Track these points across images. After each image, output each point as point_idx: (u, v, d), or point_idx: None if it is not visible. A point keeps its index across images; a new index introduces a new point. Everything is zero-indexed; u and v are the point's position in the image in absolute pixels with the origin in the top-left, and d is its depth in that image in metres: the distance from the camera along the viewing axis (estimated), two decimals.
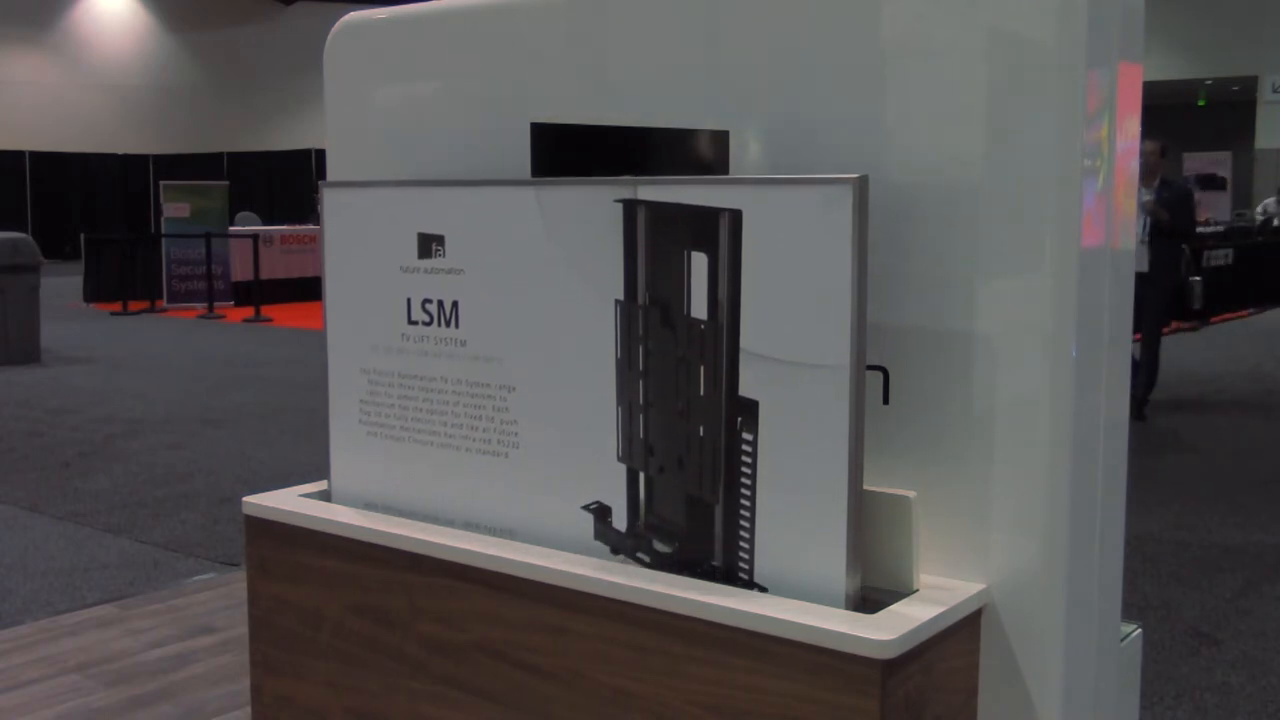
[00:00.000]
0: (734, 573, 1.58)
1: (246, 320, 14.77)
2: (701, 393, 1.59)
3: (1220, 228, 16.38)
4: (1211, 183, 22.67)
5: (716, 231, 1.55)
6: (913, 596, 1.55)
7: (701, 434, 1.59)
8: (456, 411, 1.84)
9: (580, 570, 1.65)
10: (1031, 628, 1.58)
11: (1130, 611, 3.11)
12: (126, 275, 16.18)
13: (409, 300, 1.88)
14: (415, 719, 1.85)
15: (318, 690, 1.97)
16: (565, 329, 1.71)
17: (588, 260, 1.67)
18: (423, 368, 1.88)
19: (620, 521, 1.69)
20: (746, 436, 1.55)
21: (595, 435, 1.69)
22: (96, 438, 7.51)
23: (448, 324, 1.84)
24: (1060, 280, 1.53)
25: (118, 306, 15.74)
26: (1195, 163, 23.28)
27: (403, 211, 1.87)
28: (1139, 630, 1.82)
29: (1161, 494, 5.97)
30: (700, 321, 1.58)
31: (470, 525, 1.84)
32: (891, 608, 1.51)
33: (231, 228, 17.07)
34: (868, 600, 1.53)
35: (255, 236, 15.82)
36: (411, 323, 1.88)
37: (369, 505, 1.96)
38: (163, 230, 16.75)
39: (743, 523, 1.57)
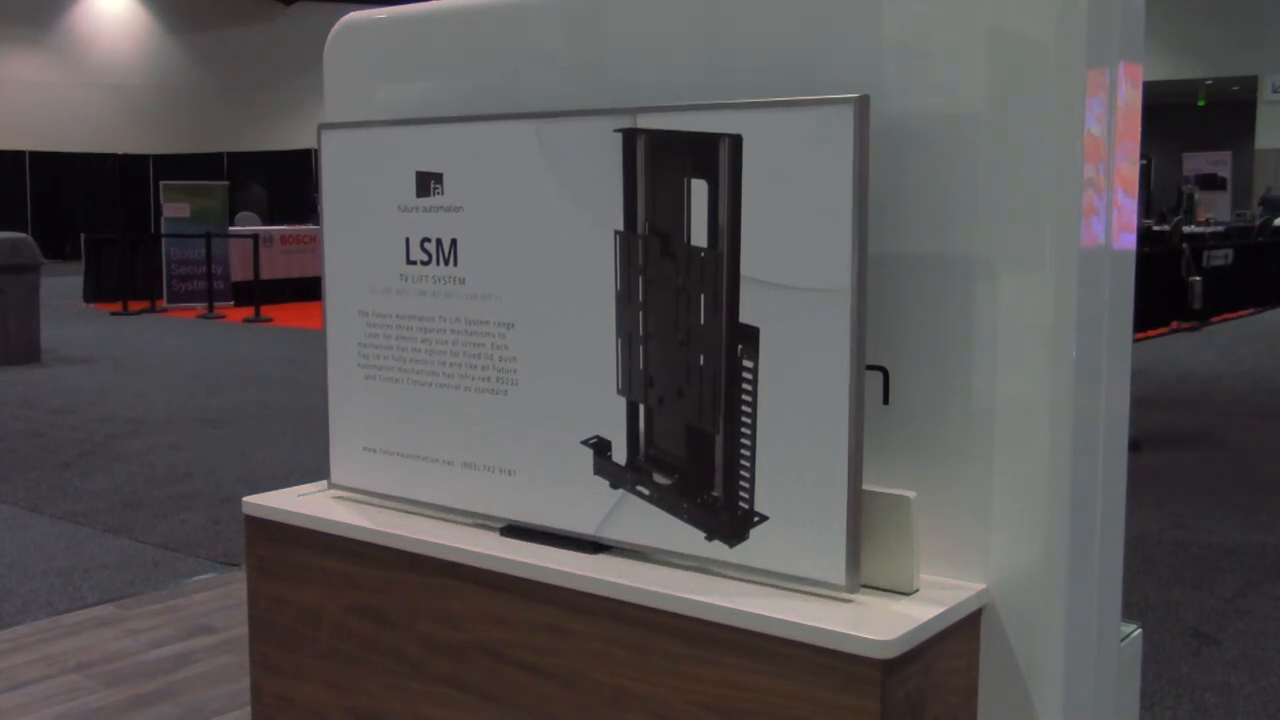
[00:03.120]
0: (734, 503, 1.58)
1: (246, 320, 14.77)
2: (702, 321, 1.58)
3: (1220, 228, 16.35)
4: (1211, 183, 22.66)
5: (716, 157, 1.54)
6: (913, 596, 1.55)
7: (702, 363, 1.58)
8: (455, 351, 1.84)
9: (580, 570, 1.65)
10: (1031, 628, 1.58)
11: (1130, 611, 3.11)
12: (126, 275, 16.17)
13: (407, 240, 1.87)
14: (415, 719, 1.85)
15: (318, 690, 1.97)
16: (565, 263, 1.70)
17: (587, 192, 1.67)
18: (421, 308, 1.87)
19: (620, 455, 1.68)
20: (747, 364, 1.54)
21: (595, 369, 1.69)
22: (96, 438, 7.51)
23: (446, 262, 1.83)
24: (1060, 280, 1.53)
25: (118, 306, 15.74)
26: (1195, 163, 23.28)
27: (401, 150, 1.86)
28: (1139, 630, 1.82)
29: (1161, 494, 5.97)
30: (700, 249, 1.57)
31: (469, 465, 1.84)
32: (891, 608, 1.51)
33: (231, 228, 17.07)
34: (867, 601, 1.53)
35: (255, 236, 15.82)
36: (410, 262, 1.87)
37: (368, 449, 1.96)
38: (163, 230, 16.75)
39: (743, 452, 1.56)
